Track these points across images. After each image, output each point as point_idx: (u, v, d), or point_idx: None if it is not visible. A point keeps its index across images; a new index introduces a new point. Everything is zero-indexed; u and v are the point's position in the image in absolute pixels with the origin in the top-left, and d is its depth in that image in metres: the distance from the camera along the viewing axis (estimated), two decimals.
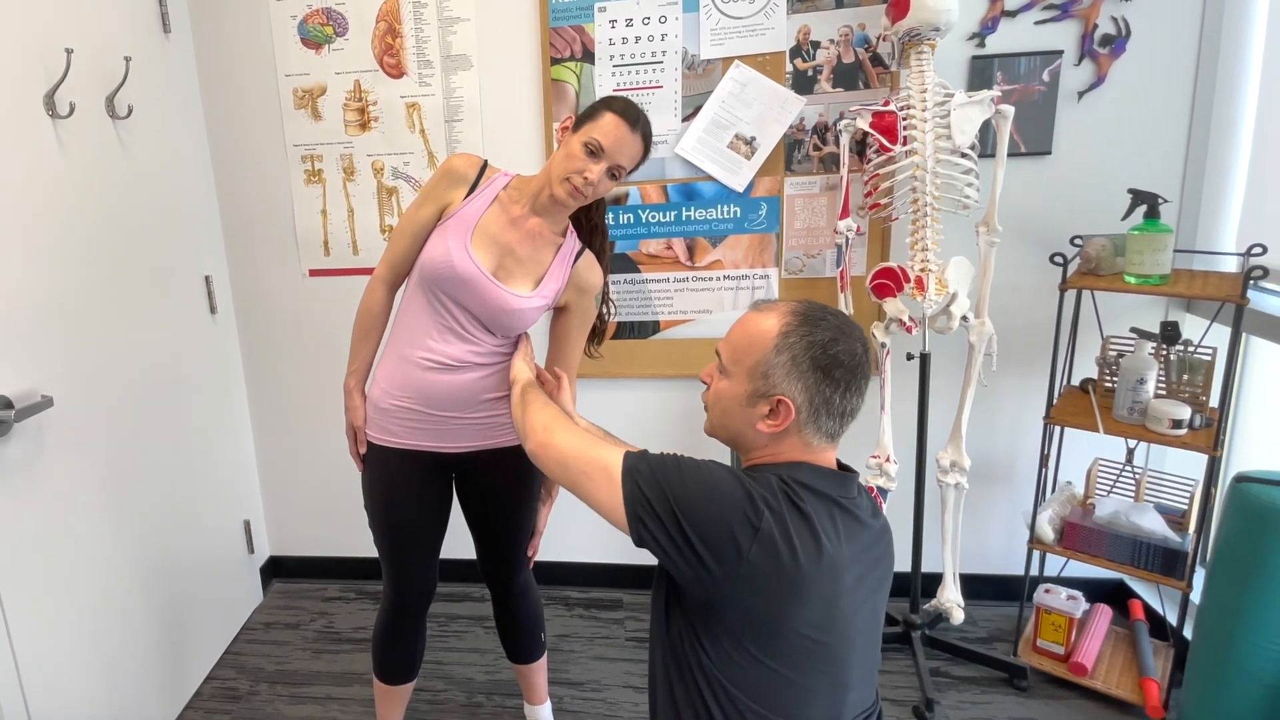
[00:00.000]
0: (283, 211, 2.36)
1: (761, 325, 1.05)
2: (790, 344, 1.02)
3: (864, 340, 1.05)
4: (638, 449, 1.08)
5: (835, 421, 1.04)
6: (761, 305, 1.09)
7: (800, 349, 1.01)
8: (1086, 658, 1.99)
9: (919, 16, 1.76)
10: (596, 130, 1.41)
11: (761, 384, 1.03)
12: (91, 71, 1.74)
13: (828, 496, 1.02)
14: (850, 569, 1.01)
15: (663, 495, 0.99)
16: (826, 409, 1.02)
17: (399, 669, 1.74)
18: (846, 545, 1.01)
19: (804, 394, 1.02)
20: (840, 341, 1.02)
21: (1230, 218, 1.97)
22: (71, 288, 1.68)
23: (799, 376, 1.01)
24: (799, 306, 1.06)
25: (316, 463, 2.53)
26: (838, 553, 0.99)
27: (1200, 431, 1.81)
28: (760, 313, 1.07)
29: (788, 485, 1.00)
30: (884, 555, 1.11)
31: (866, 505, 1.08)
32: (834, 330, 1.03)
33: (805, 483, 1.02)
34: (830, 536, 0.99)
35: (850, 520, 1.03)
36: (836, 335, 1.02)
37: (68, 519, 1.65)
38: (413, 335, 1.52)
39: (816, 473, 1.04)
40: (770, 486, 1.00)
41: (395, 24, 2.19)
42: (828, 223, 2.16)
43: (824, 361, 1.01)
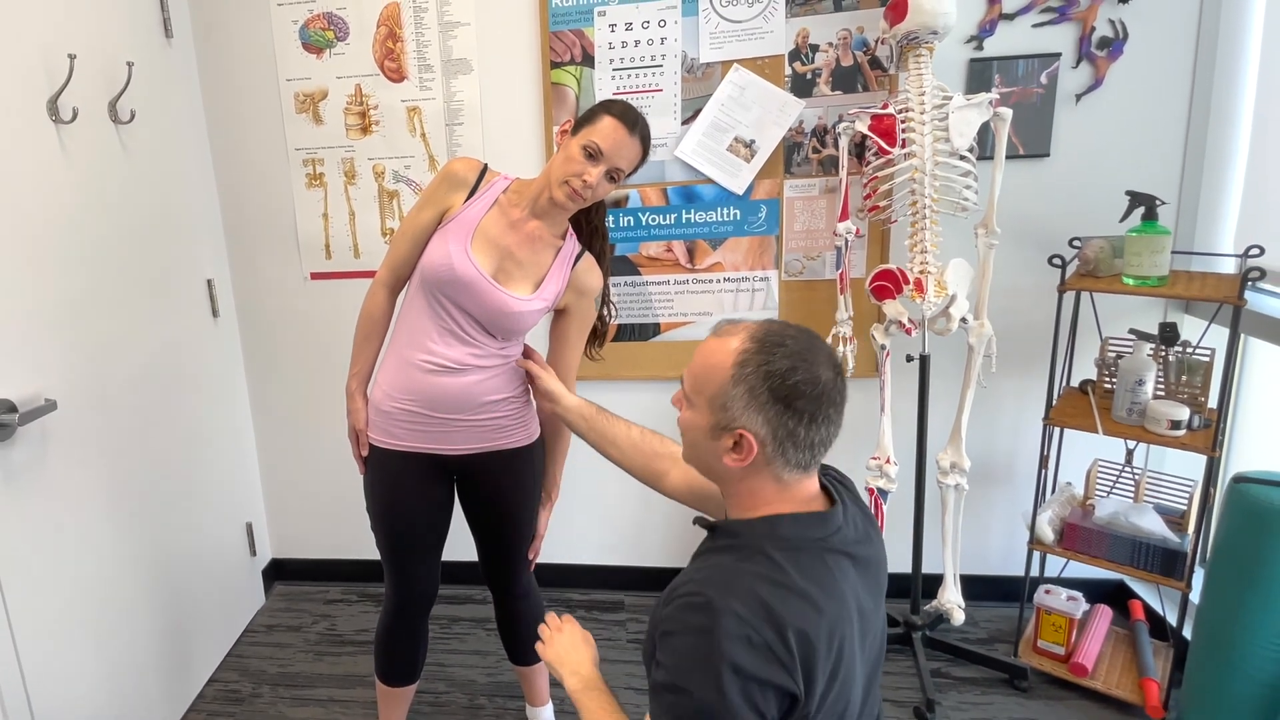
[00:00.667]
0: (284, 215, 2.37)
1: (719, 353, 0.97)
2: (746, 374, 0.94)
3: (833, 362, 0.96)
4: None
5: (805, 453, 0.95)
6: (723, 328, 1.01)
7: (757, 379, 0.93)
8: (1087, 658, 1.99)
9: (917, 20, 1.77)
10: (595, 133, 1.42)
11: (722, 416, 0.95)
12: (94, 77, 1.75)
13: (815, 544, 0.95)
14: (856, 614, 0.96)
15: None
16: (793, 441, 0.94)
17: (401, 671, 1.75)
18: (847, 591, 0.95)
19: (766, 427, 0.93)
20: (800, 370, 0.92)
21: (1228, 219, 1.98)
22: (75, 291, 1.69)
23: (758, 409, 0.93)
24: (758, 329, 0.97)
25: (318, 465, 2.54)
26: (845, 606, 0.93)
27: (1199, 432, 1.81)
28: (719, 337, 0.99)
29: (770, 564, 0.91)
30: (878, 575, 1.05)
31: (853, 530, 1.00)
32: (793, 357, 0.93)
33: (788, 541, 0.94)
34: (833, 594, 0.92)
35: (843, 559, 0.97)
36: (796, 363, 0.93)
37: (71, 522, 1.65)
38: (414, 338, 1.53)
39: (796, 522, 0.96)
40: (752, 588, 0.89)
41: (396, 28, 2.20)
42: (827, 225, 2.16)
43: (783, 392, 0.92)
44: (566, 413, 1.47)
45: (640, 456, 1.36)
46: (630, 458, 1.37)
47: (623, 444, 1.38)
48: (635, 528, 2.49)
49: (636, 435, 1.38)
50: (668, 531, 2.47)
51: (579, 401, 1.47)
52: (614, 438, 1.39)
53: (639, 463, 1.36)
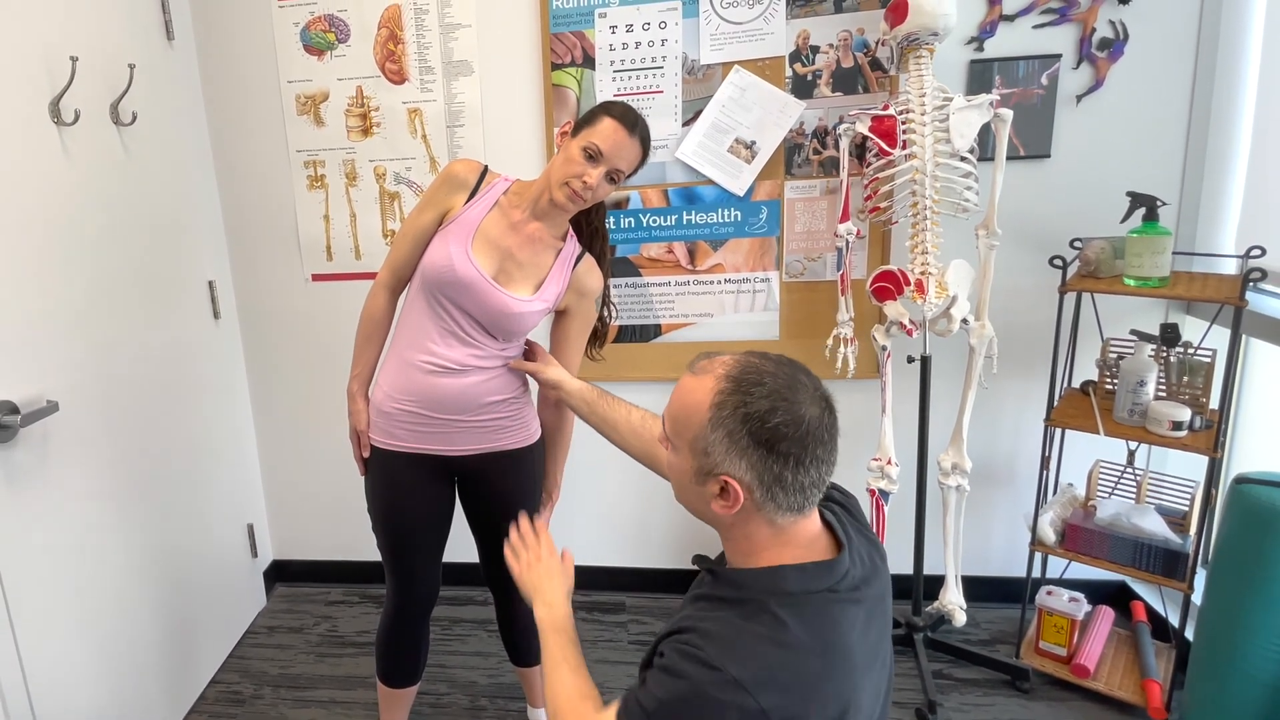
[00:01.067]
0: (285, 217, 2.38)
1: (696, 393, 0.90)
2: (724, 418, 0.87)
3: (819, 397, 0.89)
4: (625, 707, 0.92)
5: (797, 496, 0.88)
6: (699, 364, 0.94)
7: (735, 423, 0.87)
8: (1089, 659, 1.99)
9: (917, 21, 1.77)
10: (595, 135, 1.42)
11: (704, 461, 0.89)
12: (96, 79, 1.76)
13: (822, 598, 0.89)
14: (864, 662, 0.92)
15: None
16: (780, 486, 0.87)
17: (402, 672, 1.75)
18: (855, 640, 0.90)
19: (750, 472, 0.87)
20: (780, 410, 0.86)
21: (1229, 220, 1.98)
22: (76, 293, 1.69)
23: (740, 454, 0.87)
24: (735, 366, 0.90)
25: (320, 467, 2.54)
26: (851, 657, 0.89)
27: (1200, 433, 1.81)
28: (695, 376, 0.93)
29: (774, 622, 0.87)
30: (885, 606, 1.00)
31: (859, 569, 0.94)
32: (772, 396, 0.86)
33: (792, 595, 0.89)
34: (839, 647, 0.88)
35: (849, 608, 0.91)
36: (776, 403, 0.86)
37: (73, 523, 1.66)
38: (415, 339, 1.53)
39: (802, 573, 0.90)
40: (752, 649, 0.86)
41: (397, 30, 2.20)
42: (828, 226, 2.16)
43: (764, 435, 0.86)
44: (569, 397, 1.49)
45: (639, 441, 1.37)
46: (629, 441, 1.38)
47: (622, 428, 1.39)
48: (636, 529, 2.49)
49: (636, 419, 1.39)
50: (669, 533, 2.47)
51: (581, 385, 1.49)
52: (614, 421, 1.40)
53: (638, 446, 1.37)
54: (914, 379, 2.03)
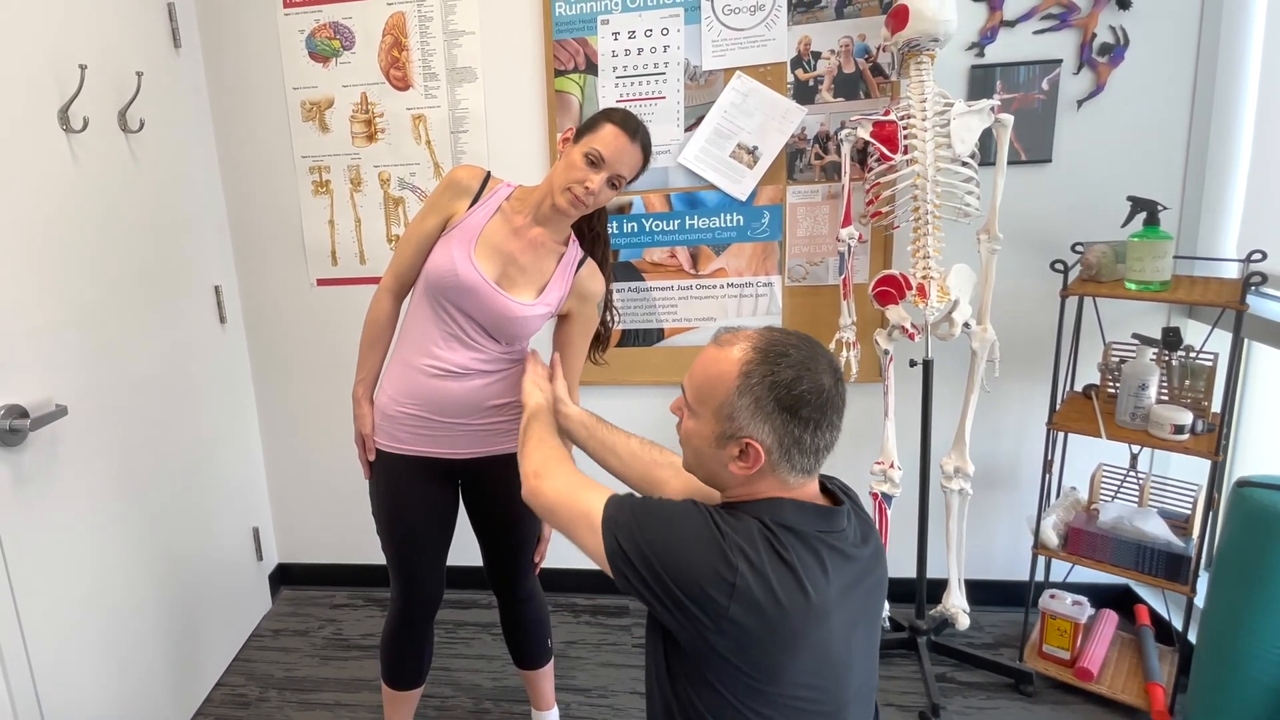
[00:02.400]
0: (291, 222, 2.39)
1: (722, 364, 0.99)
2: (752, 385, 0.96)
3: (833, 368, 0.99)
4: (615, 496, 1.05)
5: (810, 459, 0.99)
6: (723, 337, 1.03)
7: (763, 390, 0.96)
8: (1092, 663, 1.99)
9: (918, 27, 1.78)
10: (596, 141, 1.43)
11: (728, 426, 0.98)
12: (104, 86, 1.78)
13: (814, 535, 0.98)
14: (839, 610, 0.98)
15: (639, 548, 0.97)
16: (798, 448, 0.97)
17: (407, 674, 1.76)
18: (835, 586, 0.97)
19: (772, 435, 0.96)
20: (805, 379, 0.95)
21: (1230, 224, 1.98)
22: (85, 298, 1.71)
23: (765, 418, 0.96)
24: (760, 340, 1.00)
25: (324, 470, 2.55)
26: (825, 598, 0.95)
27: (1202, 436, 1.82)
28: (720, 348, 1.02)
29: (770, 531, 0.96)
30: (876, 586, 1.07)
31: (854, 534, 1.03)
32: (797, 366, 0.96)
33: (789, 524, 0.97)
34: (817, 582, 0.95)
35: (838, 557, 0.99)
36: (800, 372, 0.96)
37: (80, 526, 1.67)
38: (419, 343, 1.54)
39: (800, 510, 0.99)
40: (750, 535, 0.95)
41: (401, 37, 2.22)
42: (830, 231, 2.17)
43: (789, 402, 0.95)
44: (567, 421, 1.47)
45: (640, 465, 1.36)
46: (630, 466, 1.38)
47: (622, 453, 1.38)
48: None
49: (636, 445, 1.38)
50: None
51: (580, 412, 1.47)
52: (614, 446, 1.39)
53: (638, 471, 1.36)
54: (916, 383, 2.03)
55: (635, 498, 1.04)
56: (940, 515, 2.06)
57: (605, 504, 1.03)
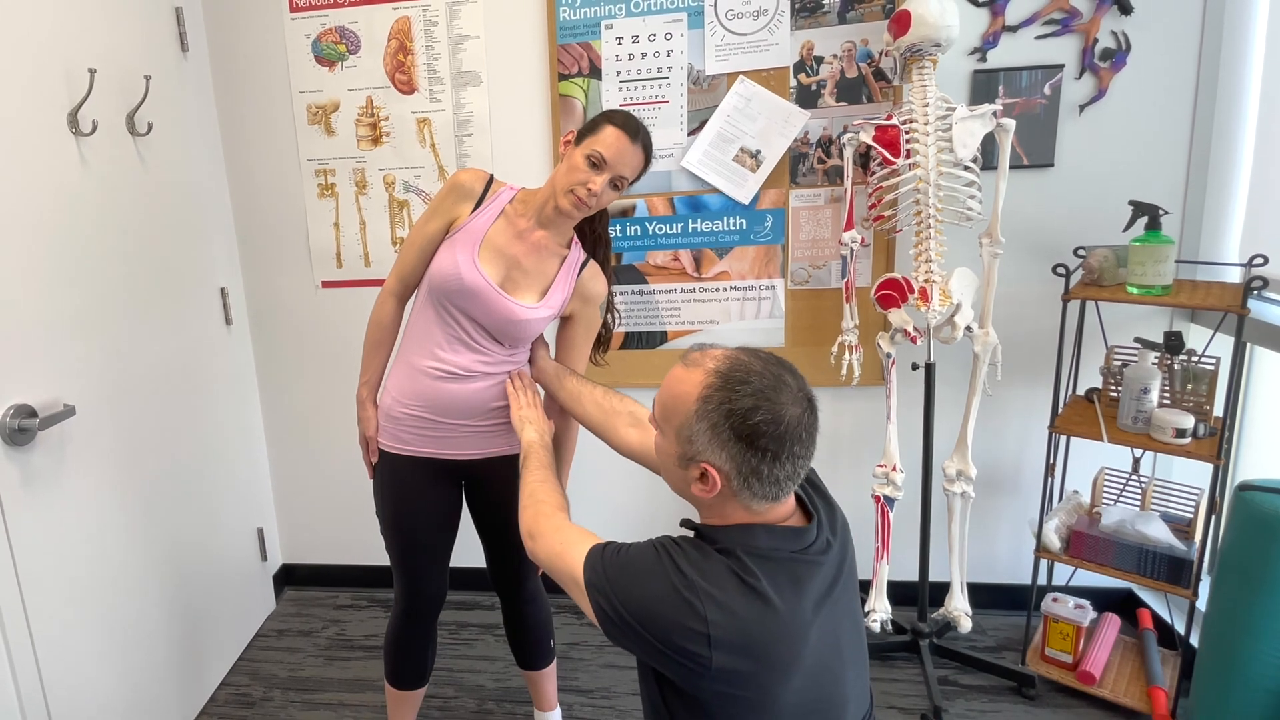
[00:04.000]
0: (296, 224, 2.41)
1: (684, 384, 0.97)
2: (709, 411, 0.93)
3: (802, 397, 0.94)
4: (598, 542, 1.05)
5: (771, 487, 0.95)
6: (692, 355, 1.01)
7: (719, 417, 0.93)
8: (1094, 666, 1.99)
9: (920, 33, 1.79)
10: (598, 143, 1.44)
11: (688, 448, 0.96)
12: (113, 90, 1.79)
13: (787, 558, 0.96)
14: (820, 620, 0.97)
15: (618, 610, 0.96)
16: (757, 478, 0.93)
17: (410, 675, 1.77)
18: (810, 599, 0.96)
19: (730, 463, 0.93)
20: (762, 409, 0.91)
21: (1232, 228, 1.99)
22: (93, 299, 1.72)
23: (721, 445, 0.93)
24: (725, 363, 0.96)
25: (329, 471, 2.56)
26: (803, 616, 0.95)
27: (1204, 440, 1.82)
28: (686, 368, 0.99)
29: (740, 562, 0.94)
30: (849, 577, 1.06)
31: (822, 539, 1.01)
32: (756, 395, 0.92)
33: (760, 551, 0.95)
34: (791, 603, 0.94)
35: (812, 568, 0.98)
36: (759, 402, 0.91)
37: (87, 526, 1.68)
38: (423, 345, 1.55)
39: (771, 534, 0.97)
40: (718, 576, 0.93)
41: (406, 42, 2.24)
42: (833, 234, 2.18)
43: (745, 431, 0.91)
44: (540, 375, 1.60)
45: (600, 414, 1.46)
46: (591, 414, 1.48)
47: (586, 402, 1.49)
48: (641, 535, 2.50)
49: (600, 395, 1.49)
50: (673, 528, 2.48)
51: (551, 364, 1.60)
52: (579, 394, 1.51)
53: (598, 419, 1.46)
54: (919, 386, 2.04)
55: (607, 554, 1.02)
56: (942, 518, 2.06)
57: (584, 565, 1.02)
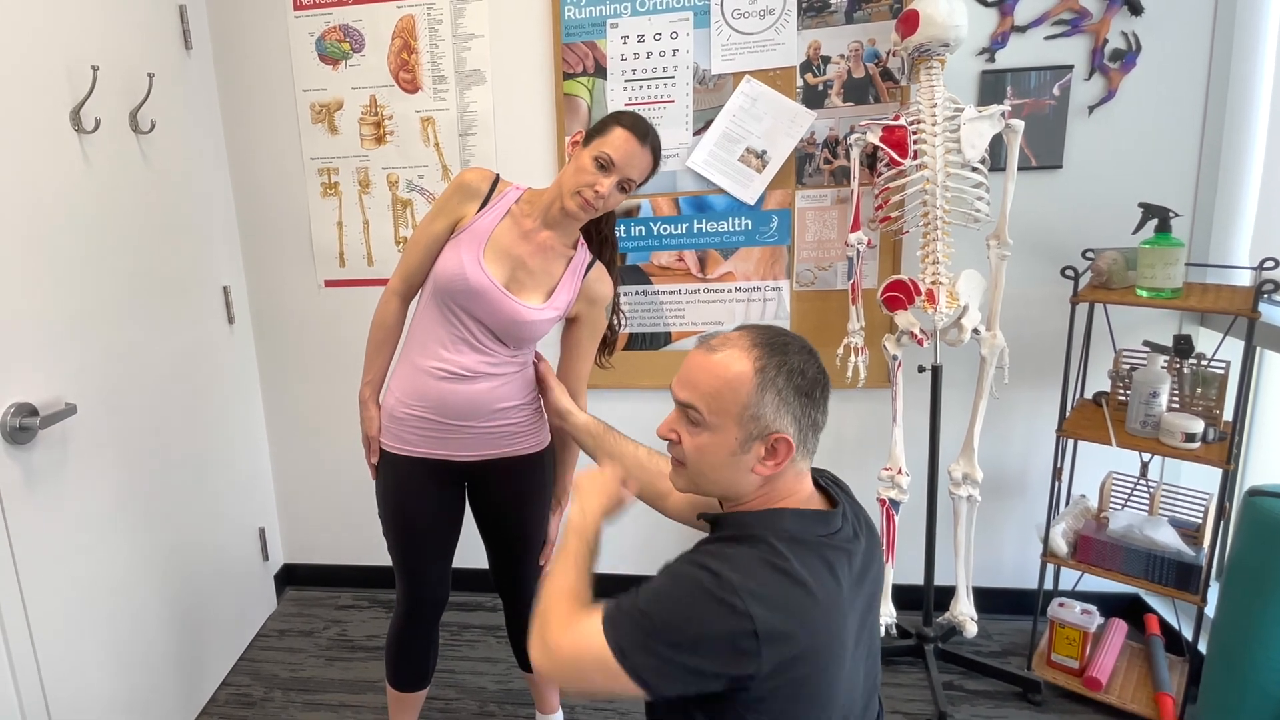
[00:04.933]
0: (299, 223, 2.40)
1: (733, 368, 0.98)
2: (772, 379, 0.97)
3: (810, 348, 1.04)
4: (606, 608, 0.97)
5: (816, 440, 1.02)
6: (712, 342, 1.02)
7: (783, 381, 0.97)
8: (1101, 672, 1.97)
9: (928, 33, 1.78)
10: (606, 144, 1.43)
11: (753, 427, 0.97)
12: (116, 88, 1.78)
13: (816, 541, 0.98)
14: (853, 607, 0.99)
15: (661, 660, 0.90)
16: (814, 430, 1.01)
17: (412, 676, 1.76)
18: (845, 585, 0.97)
19: (794, 424, 0.98)
20: (810, 361, 1.00)
21: (1243, 231, 1.97)
22: (95, 298, 1.71)
23: (787, 409, 0.97)
24: (758, 337, 1.00)
25: (331, 471, 2.55)
26: (840, 598, 0.96)
27: (1214, 445, 1.80)
28: (719, 355, 0.99)
29: (771, 549, 0.94)
30: (876, 575, 1.07)
31: (849, 529, 1.03)
32: (800, 353, 1.00)
33: (790, 534, 0.97)
34: (829, 586, 0.94)
35: (842, 556, 0.99)
36: (805, 357, 1.00)
37: (88, 524, 1.67)
38: (427, 345, 1.54)
39: (799, 518, 1.00)
40: (748, 566, 0.92)
41: (411, 40, 2.23)
42: (839, 235, 2.17)
43: (806, 386, 0.98)
44: (575, 430, 1.50)
45: (645, 475, 1.36)
46: (635, 476, 1.37)
47: (629, 463, 1.38)
48: (646, 537, 2.49)
49: (643, 455, 1.38)
50: (679, 540, 2.45)
51: (588, 419, 1.49)
52: (620, 455, 1.40)
53: (643, 480, 1.36)
54: (925, 389, 2.02)
55: (623, 609, 0.95)
56: (948, 522, 2.05)
57: (605, 640, 0.93)
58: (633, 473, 1.37)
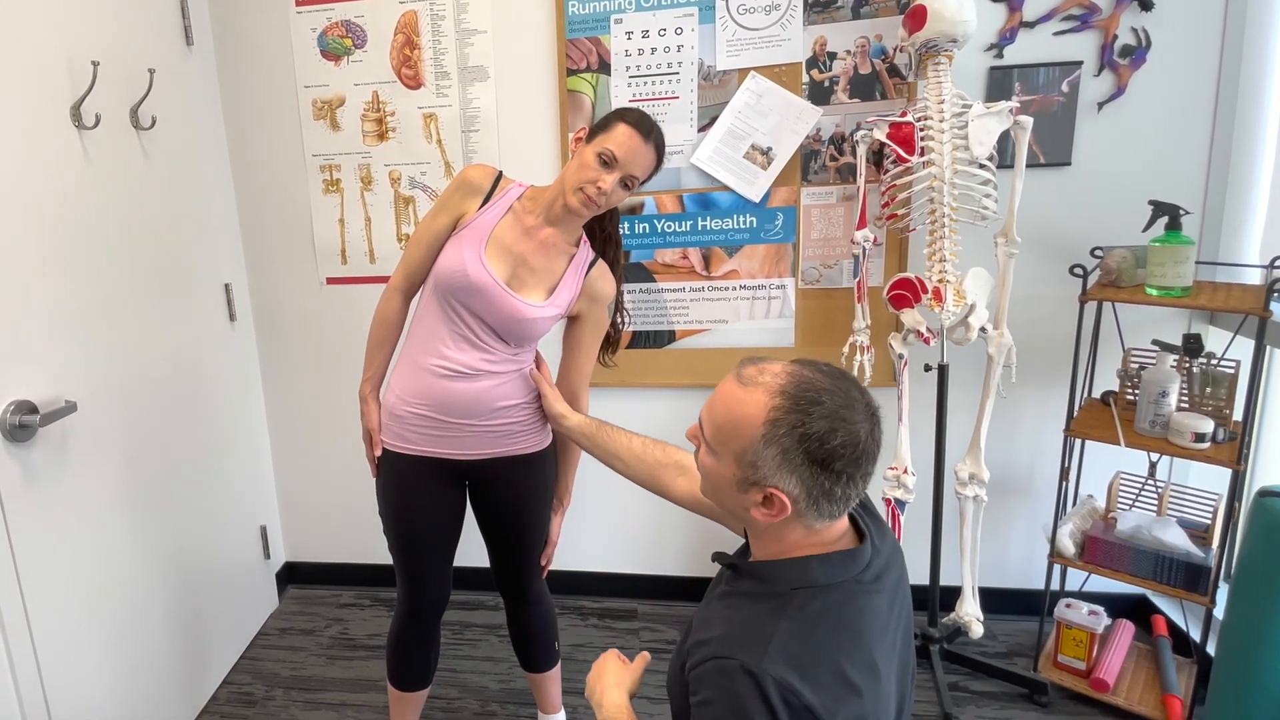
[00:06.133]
0: (301, 220, 2.39)
1: (745, 407, 0.89)
2: (779, 436, 0.87)
3: (869, 411, 0.89)
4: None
5: (839, 506, 0.90)
6: (746, 372, 0.92)
7: (791, 442, 0.86)
8: (1108, 674, 1.96)
9: (936, 28, 1.76)
10: (610, 141, 1.42)
11: (751, 473, 0.89)
12: (116, 83, 1.77)
13: (845, 585, 0.91)
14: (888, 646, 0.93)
15: None
16: (828, 499, 0.88)
17: (413, 676, 1.75)
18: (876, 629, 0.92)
19: (800, 486, 0.88)
20: (839, 431, 0.86)
21: (1254, 230, 1.95)
22: (95, 295, 1.70)
23: (792, 470, 0.87)
24: (789, 382, 0.88)
25: (332, 469, 2.54)
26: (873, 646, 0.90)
27: (1223, 445, 1.78)
28: (744, 387, 0.91)
29: (803, 622, 0.87)
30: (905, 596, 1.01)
31: (879, 560, 0.96)
32: (831, 417, 0.86)
33: (818, 587, 0.90)
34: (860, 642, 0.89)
35: (872, 596, 0.93)
36: (835, 424, 0.86)
37: (88, 522, 1.66)
38: (428, 343, 1.53)
39: (826, 564, 0.92)
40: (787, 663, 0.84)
41: (413, 36, 2.21)
42: (844, 233, 2.15)
43: (821, 456, 0.86)
44: (569, 433, 1.51)
45: (644, 468, 1.36)
46: (635, 469, 1.38)
47: (625, 457, 1.39)
48: (649, 535, 2.48)
49: (639, 447, 1.38)
50: (681, 540, 2.46)
51: (580, 419, 1.50)
52: (616, 451, 1.40)
53: (643, 474, 1.37)
54: (931, 387, 2.01)
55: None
56: (954, 522, 2.03)
57: None
58: (631, 466, 1.38)
